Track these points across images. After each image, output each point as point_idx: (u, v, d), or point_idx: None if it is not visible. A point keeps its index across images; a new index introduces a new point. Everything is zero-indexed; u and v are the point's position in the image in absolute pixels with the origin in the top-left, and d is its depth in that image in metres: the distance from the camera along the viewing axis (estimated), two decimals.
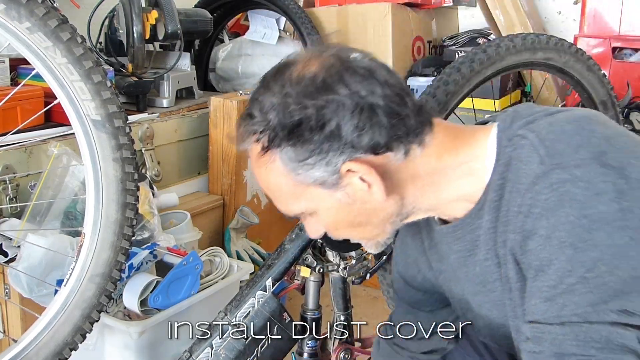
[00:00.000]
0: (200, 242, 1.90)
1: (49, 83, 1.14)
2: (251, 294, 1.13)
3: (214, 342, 1.11)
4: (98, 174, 1.19)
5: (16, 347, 1.21)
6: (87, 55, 1.13)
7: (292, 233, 1.16)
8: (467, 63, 1.34)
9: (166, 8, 2.05)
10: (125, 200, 1.23)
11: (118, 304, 1.50)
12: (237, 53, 2.72)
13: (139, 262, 1.50)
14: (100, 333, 1.46)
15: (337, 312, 1.25)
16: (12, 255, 1.44)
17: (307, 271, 1.17)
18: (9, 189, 1.55)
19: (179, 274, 1.50)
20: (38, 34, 1.08)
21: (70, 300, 1.22)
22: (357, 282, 1.17)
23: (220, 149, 2.11)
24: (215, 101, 2.10)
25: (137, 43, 2.00)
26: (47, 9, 1.07)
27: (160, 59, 2.31)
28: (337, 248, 1.13)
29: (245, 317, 1.12)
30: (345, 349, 1.22)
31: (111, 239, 1.23)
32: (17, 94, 1.56)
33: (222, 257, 1.70)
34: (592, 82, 1.57)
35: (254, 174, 0.86)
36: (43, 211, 1.54)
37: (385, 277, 1.48)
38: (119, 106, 1.19)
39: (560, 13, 2.78)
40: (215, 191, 2.15)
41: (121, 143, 1.19)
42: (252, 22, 2.69)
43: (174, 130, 2.08)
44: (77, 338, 1.25)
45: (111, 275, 1.25)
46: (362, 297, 2.38)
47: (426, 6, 2.49)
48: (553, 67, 1.49)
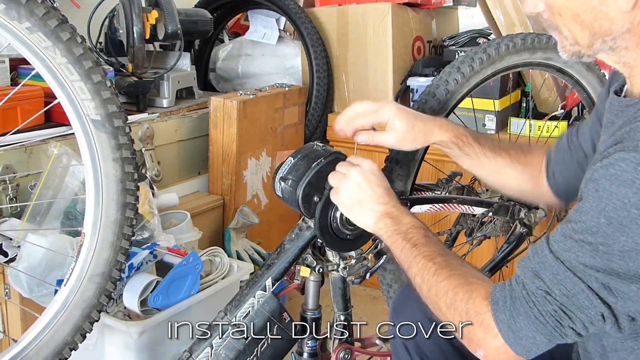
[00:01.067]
0: (200, 242, 1.90)
1: (49, 83, 1.14)
2: (251, 293, 1.14)
3: (214, 342, 1.12)
4: (98, 173, 1.19)
5: (16, 347, 1.21)
6: (87, 55, 1.13)
7: (292, 233, 1.16)
8: (467, 63, 1.34)
9: (166, 8, 2.05)
10: (125, 200, 1.23)
11: (118, 304, 1.50)
12: (237, 53, 2.72)
13: (139, 262, 1.50)
14: (100, 333, 1.46)
15: (337, 312, 1.25)
16: (12, 255, 1.44)
17: (307, 271, 1.17)
18: (9, 189, 1.55)
19: (179, 274, 1.50)
20: (38, 34, 1.08)
21: (70, 300, 1.22)
22: (357, 282, 1.17)
23: (220, 149, 2.11)
24: (215, 101, 2.10)
25: (137, 43, 2.01)
26: (47, 9, 1.07)
27: (160, 59, 2.31)
28: (336, 248, 1.13)
29: (245, 317, 1.12)
30: (345, 349, 1.22)
31: (111, 238, 1.23)
32: (17, 94, 1.56)
33: (222, 257, 1.70)
34: (592, 81, 1.57)
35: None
36: (43, 211, 1.54)
37: (385, 277, 1.48)
38: (118, 106, 1.19)
39: None
40: (215, 191, 2.15)
41: (121, 143, 1.19)
42: (252, 22, 2.69)
43: (174, 130, 2.08)
44: (77, 338, 1.25)
45: (111, 275, 1.25)
46: (362, 297, 2.38)
47: (426, 6, 2.49)
48: (553, 67, 1.49)
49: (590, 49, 0.87)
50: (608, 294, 0.76)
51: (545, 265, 0.80)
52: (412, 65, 2.40)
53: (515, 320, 0.81)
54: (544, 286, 0.80)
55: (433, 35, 2.59)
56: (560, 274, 0.78)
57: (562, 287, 0.78)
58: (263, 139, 2.21)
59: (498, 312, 0.83)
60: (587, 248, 0.76)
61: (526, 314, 0.80)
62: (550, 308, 0.79)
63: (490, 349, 0.84)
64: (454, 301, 0.87)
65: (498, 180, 1.24)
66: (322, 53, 2.39)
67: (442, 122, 1.16)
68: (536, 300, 0.80)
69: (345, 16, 2.40)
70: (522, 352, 0.82)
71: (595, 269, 0.76)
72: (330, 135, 2.46)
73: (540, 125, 2.14)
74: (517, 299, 0.81)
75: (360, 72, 2.40)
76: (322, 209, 1.06)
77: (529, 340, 0.81)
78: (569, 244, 0.78)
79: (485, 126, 2.17)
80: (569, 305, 0.78)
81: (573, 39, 0.87)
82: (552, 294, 0.79)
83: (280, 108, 2.27)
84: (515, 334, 0.81)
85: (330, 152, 1.10)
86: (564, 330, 0.79)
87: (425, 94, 1.34)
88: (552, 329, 0.79)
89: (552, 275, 0.79)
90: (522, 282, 0.82)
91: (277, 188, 1.11)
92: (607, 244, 0.74)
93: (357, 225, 1.06)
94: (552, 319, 0.79)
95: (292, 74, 2.62)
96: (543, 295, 0.79)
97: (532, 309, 0.80)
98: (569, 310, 0.78)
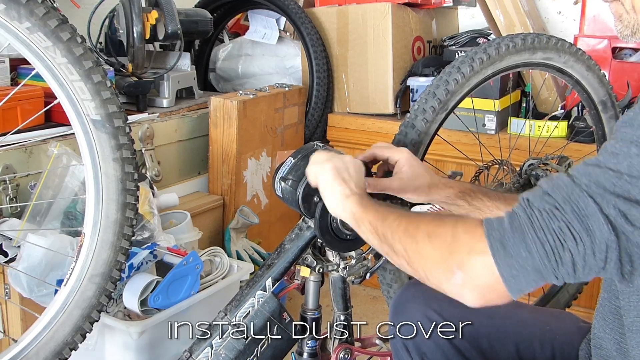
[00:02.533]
0: (200, 242, 1.90)
1: (49, 83, 1.14)
2: (251, 294, 1.14)
3: (214, 342, 1.12)
4: (98, 174, 1.19)
5: (16, 347, 1.21)
6: (87, 55, 1.13)
7: (292, 233, 1.16)
8: (467, 63, 1.34)
9: (166, 8, 2.05)
10: (125, 200, 1.23)
11: (118, 304, 1.50)
12: (237, 53, 2.72)
13: (139, 262, 1.50)
14: (100, 333, 1.46)
15: (337, 312, 1.25)
16: (12, 255, 1.44)
17: (307, 271, 1.17)
18: (9, 189, 1.55)
19: (179, 274, 1.50)
20: (38, 34, 1.08)
21: (70, 300, 1.22)
22: (357, 282, 1.17)
23: (220, 149, 2.11)
24: (215, 101, 2.10)
25: (137, 43, 2.01)
26: (47, 9, 1.08)
27: (160, 59, 2.31)
28: (336, 248, 1.13)
29: (245, 317, 1.12)
30: (345, 349, 1.22)
31: (111, 239, 1.23)
32: (17, 94, 1.56)
33: (222, 257, 1.70)
34: (592, 82, 1.57)
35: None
36: (43, 211, 1.54)
37: (385, 277, 1.48)
38: (118, 106, 1.19)
39: (560, 13, 2.78)
40: (215, 191, 2.15)
41: (121, 143, 1.20)
42: (252, 22, 2.69)
43: (174, 130, 2.08)
44: (77, 338, 1.25)
45: (111, 275, 1.25)
46: (362, 297, 2.38)
47: (426, 6, 2.49)
48: (553, 67, 1.49)
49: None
50: (625, 222, 0.69)
51: (559, 185, 0.73)
52: (412, 65, 2.40)
53: (512, 236, 0.72)
54: (553, 202, 0.72)
55: (433, 35, 2.59)
56: (574, 193, 0.72)
57: (574, 205, 0.71)
58: (263, 139, 2.21)
59: (491, 230, 0.74)
60: (610, 174, 0.71)
61: (525, 228, 0.72)
62: (556, 225, 0.71)
63: (471, 269, 0.74)
64: (437, 227, 0.79)
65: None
66: (322, 53, 2.39)
67: (448, 180, 1.14)
68: (541, 215, 0.72)
69: (345, 16, 2.40)
70: (508, 276, 0.72)
71: (615, 194, 0.70)
72: (330, 135, 2.46)
73: (540, 125, 2.15)
74: (518, 217, 0.73)
75: (360, 72, 2.40)
76: (323, 209, 1.06)
77: (520, 261, 0.71)
78: (591, 170, 0.72)
79: (485, 126, 2.17)
80: (577, 224, 0.70)
81: (630, 4, 0.84)
82: (561, 210, 0.71)
83: (280, 108, 2.27)
84: (506, 251, 0.72)
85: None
86: (563, 254, 0.70)
87: (425, 94, 1.34)
88: (550, 251, 0.70)
89: (566, 194, 0.72)
90: (527, 200, 0.74)
91: (277, 188, 1.11)
92: (632, 175, 0.70)
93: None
94: (554, 236, 0.70)
95: (292, 74, 2.62)
96: (551, 209, 0.71)
97: (533, 223, 0.72)
98: (575, 231, 0.70)
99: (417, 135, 1.30)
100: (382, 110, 2.37)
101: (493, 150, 1.72)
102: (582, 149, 1.96)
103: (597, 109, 1.61)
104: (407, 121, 1.32)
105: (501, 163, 1.61)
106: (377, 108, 2.39)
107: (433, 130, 1.33)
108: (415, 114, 1.32)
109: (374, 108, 2.39)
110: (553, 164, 1.54)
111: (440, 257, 0.78)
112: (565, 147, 1.89)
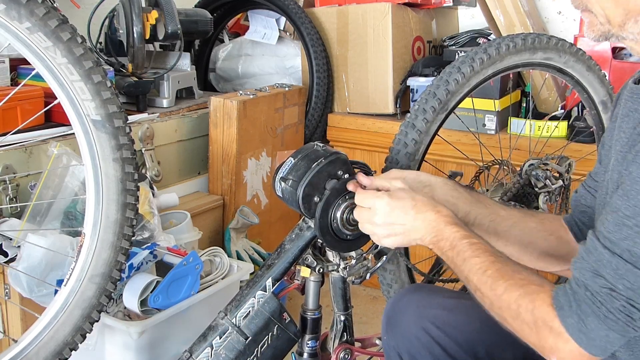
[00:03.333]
0: (200, 242, 1.90)
1: (49, 83, 1.14)
2: (251, 294, 1.14)
3: (214, 342, 1.12)
4: (98, 174, 1.19)
5: (16, 347, 1.21)
6: (87, 55, 1.13)
7: (292, 233, 1.16)
8: (467, 63, 1.34)
9: (166, 8, 2.05)
10: (125, 200, 1.23)
11: (118, 304, 1.50)
12: (237, 53, 2.72)
13: (139, 262, 1.50)
14: (100, 333, 1.46)
15: (337, 312, 1.25)
16: (12, 255, 1.44)
17: (307, 271, 1.17)
18: (9, 189, 1.55)
19: (179, 274, 1.50)
20: (38, 34, 1.08)
21: (70, 300, 1.22)
22: (357, 282, 1.16)
23: (220, 149, 2.11)
24: (215, 101, 2.10)
25: (137, 43, 2.01)
26: (47, 9, 1.07)
27: (160, 59, 2.31)
28: (337, 248, 1.13)
29: (246, 317, 1.12)
30: (345, 349, 1.22)
31: (111, 239, 1.23)
32: (17, 94, 1.56)
33: (222, 257, 1.70)
34: (592, 82, 1.57)
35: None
36: (43, 211, 1.54)
37: (385, 277, 1.48)
38: (119, 106, 1.19)
39: (560, 13, 2.78)
40: (215, 191, 2.15)
41: (121, 143, 1.19)
42: (252, 22, 2.69)
43: (174, 130, 2.08)
44: (77, 338, 1.25)
45: (111, 275, 1.25)
46: (362, 297, 2.38)
47: (426, 6, 2.49)
48: (553, 67, 1.49)
49: (621, 29, 0.86)
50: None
51: (602, 262, 0.79)
52: (412, 65, 2.40)
53: (585, 322, 0.80)
54: (606, 284, 0.78)
55: (433, 35, 2.59)
56: (620, 268, 0.77)
57: (625, 281, 0.77)
58: (263, 139, 2.21)
59: (565, 317, 0.81)
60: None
61: (595, 315, 0.79)
62: (618, 304, 0.77)
63: (564, 353, 0.82)
64: (519, 313, 0.85)
65: (521, 234, 1.16)
66: (322, 53, 2.39)
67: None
68: (602, 299, 0.79)
69: (345, 16, 2.40)
70: (597, 352, 0.81)
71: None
72: (330, 135, 2.46)
73: (540, 125, 2.15)
74: (582, 301, 0.80)
75: (360, 72, 2.40)
76: (323, 209, 1.06)
77: (603, 339, 0.79)
78: (625, 232, 0.77)
79: (485, 126, 2.17)
80: (636, 297, 0.77)
81: (604, 17, 0.86)
82: (617, 290, 0.77)
83: (280, 108, 2.27)
84: (587, 336, 0.80)
85: (330, 153, 1.10)
86: (636, 323, 0.78)
87: (425, 94, 1.34)
88: (624, 324, 0.78)
89: (613, 271, 0.78)
90: (584, 284, 0.81)
91: (278, 188, 1.11)
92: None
93: (357, 226, 1.06)
94: (622, 314, 0.77)
95: (292, 74, 2.62)
96: (608, 293, 0.78)
97: (599, 309, 0.79)
98: (637, 303, 0.77)
99: (418, 135, 1.31)
100: (382, 110, 2.37)
101: (493, 151, 1.72)
102: (582, 149, 1.96)
103: (598, 109, 1.61)
104: (407, 121, 1.32)
105: (501, 163, 1.61)
106: (377, 108, 2.39)
107: (433, 130, 1.33)
108: (416, 114, 1.32)
109: (374, 108, 2.39)
110: (553, 164, 1.54)
111: (532, 339, 0.86)
112: (566, 147, 1.89)
